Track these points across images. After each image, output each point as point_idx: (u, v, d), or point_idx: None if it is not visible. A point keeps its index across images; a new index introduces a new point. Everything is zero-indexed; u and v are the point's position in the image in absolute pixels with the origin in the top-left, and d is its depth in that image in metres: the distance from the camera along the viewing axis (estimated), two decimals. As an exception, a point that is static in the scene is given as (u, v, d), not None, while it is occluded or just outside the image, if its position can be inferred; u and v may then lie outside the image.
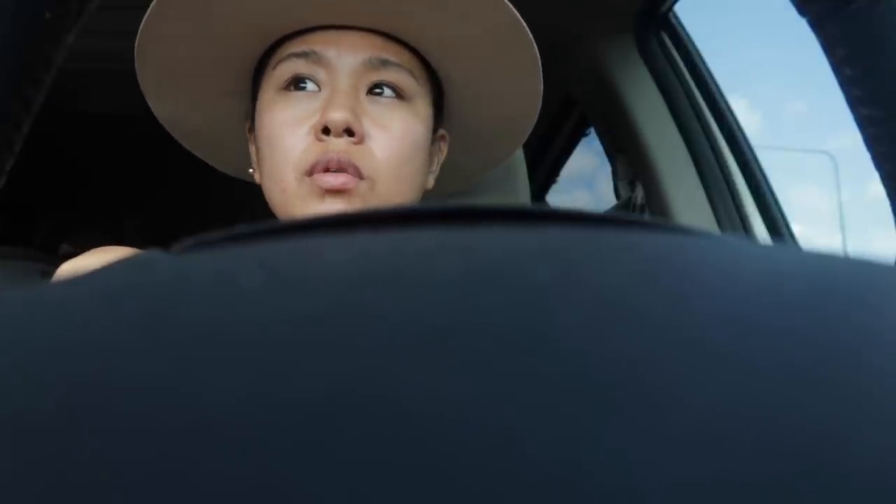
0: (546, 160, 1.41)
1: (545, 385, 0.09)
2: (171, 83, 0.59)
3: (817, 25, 0.25)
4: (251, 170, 0.60)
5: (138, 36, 0.53)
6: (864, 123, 0.25)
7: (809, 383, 0.10)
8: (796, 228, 1.03)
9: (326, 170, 0.51)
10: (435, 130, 0.59)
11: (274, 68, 0.55)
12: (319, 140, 0.51)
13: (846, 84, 0.25)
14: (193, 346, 0.10)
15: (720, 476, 0.08)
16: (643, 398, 0.09)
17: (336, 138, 0.51)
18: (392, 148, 0.53)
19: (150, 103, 0.60)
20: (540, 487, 0.08)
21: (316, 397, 0.09)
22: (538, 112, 0.59)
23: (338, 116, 0.50)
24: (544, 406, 0.09)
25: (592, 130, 1.27)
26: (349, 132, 0.51)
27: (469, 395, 0.09)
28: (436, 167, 0.60)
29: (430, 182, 0.60)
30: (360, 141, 0.52)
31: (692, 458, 0.08)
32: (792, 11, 0.26)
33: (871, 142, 0.25)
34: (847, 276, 0.14)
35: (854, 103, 0.25)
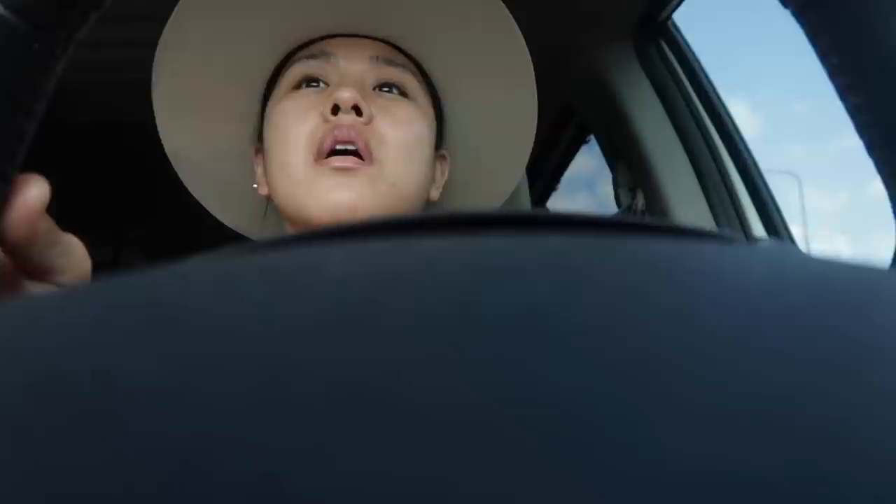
0: (546, 168, 1.41)
1: (549, 389, 0.09)
2: (184, 106, 0.60)
3: (800, 15, 0.25)
4: (255, 185, 0.61)
5: (157, 53, 0.55)
6: (854, 112, 0.25)
7: (808, 410, 0.10)
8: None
9: (334, 147, 0.51)
10: (437, 147, 0.59)
11: (285, 74, 0.57)
12: (327, 121, 0.52)
13: (833, 73, 0.25)
14: (197, 351, 0.10)
15: (740, 455, 0.08)
16: (635, 426, 0.09)
17: (345, 115, 0.52)
18: (400, 131, 0.53)
19: (161, 130, 0.61)
20: (542, 491, 0.08)
21: (319, 401, 0.09)
22: (534, 128, 0.60)
23: (346, 94, 0.51)
24: (550, 409, 0.09)
25: (592, 138, 1.27)
26: (357, 112, 0.52)
27: (472, 398, 0.09)
28: (439, 183, 0.61)
29: (434, 194, 0.60)
30: (369, 122, 0.52)
31: (680, 492, 0.08)
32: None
33: (863, 130, 0.25)
34: (849, 285, 0.14)
35: (843, 92, 0.25)
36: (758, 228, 1.03)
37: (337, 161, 0.51)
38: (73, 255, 0.32)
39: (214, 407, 0.09)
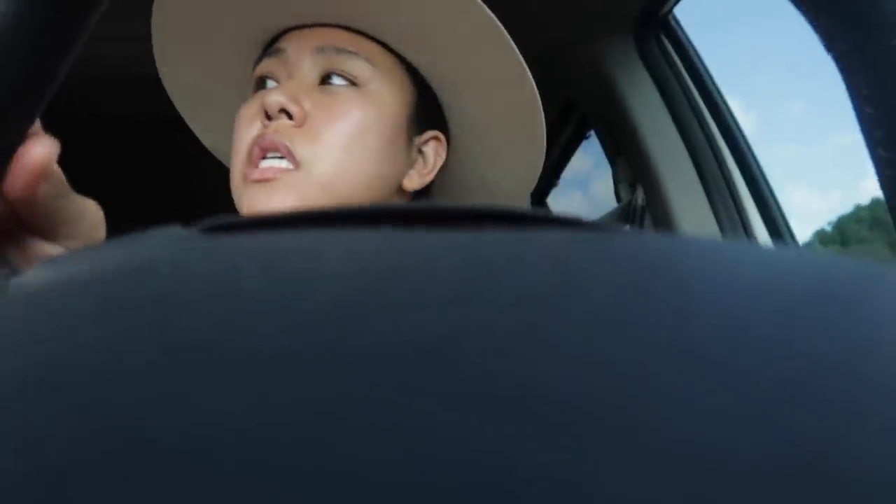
0: (547, 162, 1.40)
1: (540, 401, 0.09)
2: (198, 105, 0.63)
3: (842, 61, 0.25)
4: None
5: (156, 58, 0.59)
6: (881, 165, 0.25)
7: (806, 402, 0.10)
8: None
9: (262, 153, 0.51)
10: (421, 131, 0.57)
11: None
12: (264, 126, 0.52)
13: (866, 123, 0.25)
14: (194, 355, 0.10)
15: (739, 446, 0.08)
16: (637, 419, 0.09)
17: (275, 121, 0.51)
18: (334, 125, 0.52)
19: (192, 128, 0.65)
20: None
21: (316, 407, 0.09)
22: (537, 99, 0.57)
23: (270, 99, 0.51)
24: (538, 423, 0.09)
25: (593, 133, 1.27)
26: (288, 115, 0.51)
27: (465, 407, 0.09)
28: (430, 168, 0.59)
29: (411, 181, 0.58)
30: (301, 123, 0.51)
31: (682, 484, 0.08)
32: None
33: (887, 183, 0.25)
34: (848, 280, 0.14)
35: (873, 144, 0.25)
36: (757, 223, 1.03)
37: (256, 173, 0.51)
38: (82, 223, 0.31)
39: (212, 400, 0.09)
